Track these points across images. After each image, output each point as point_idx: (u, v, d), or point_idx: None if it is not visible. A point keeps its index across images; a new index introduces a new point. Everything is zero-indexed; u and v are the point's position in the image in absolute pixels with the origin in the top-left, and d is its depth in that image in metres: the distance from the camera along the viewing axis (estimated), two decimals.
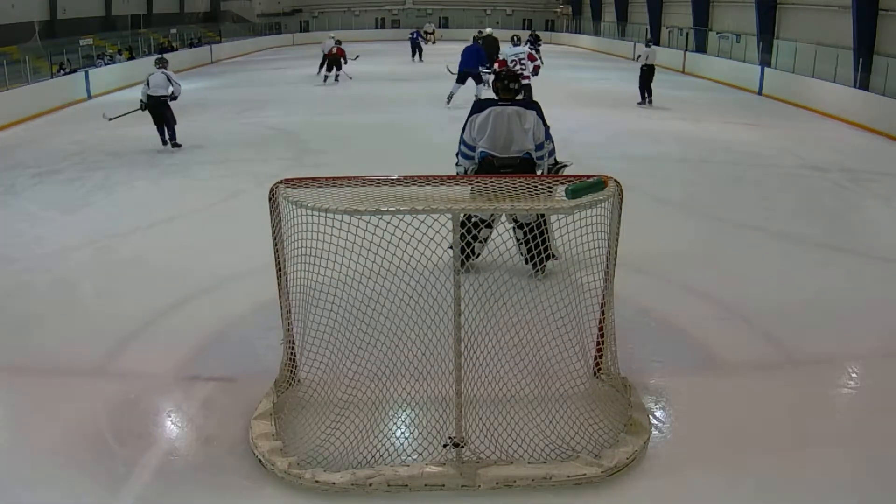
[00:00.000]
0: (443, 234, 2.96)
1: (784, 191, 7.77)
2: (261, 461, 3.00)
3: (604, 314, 3.49)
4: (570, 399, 3.37)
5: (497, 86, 4.92)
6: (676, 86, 15.48)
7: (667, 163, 9.09)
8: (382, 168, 6.85)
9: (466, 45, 13.05)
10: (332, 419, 3.24)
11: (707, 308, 4.64)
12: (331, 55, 17.54)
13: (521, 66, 10.72)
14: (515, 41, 12.54)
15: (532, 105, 4.86)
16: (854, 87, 13.21)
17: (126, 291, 4.93)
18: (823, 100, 13.60)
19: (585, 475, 2.90)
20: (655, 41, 21.59)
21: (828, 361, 4.01)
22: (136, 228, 6.35)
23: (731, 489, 2.92)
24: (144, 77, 9.55)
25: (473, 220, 4.61)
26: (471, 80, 12.59)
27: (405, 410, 3.41)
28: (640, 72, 13.94)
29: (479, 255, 4.88)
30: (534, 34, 14.57)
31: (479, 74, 12.45)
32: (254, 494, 2.88)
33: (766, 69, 16.58)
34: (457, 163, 5.03)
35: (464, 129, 4.93)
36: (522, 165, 4.76)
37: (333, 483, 2.85)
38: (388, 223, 2.87)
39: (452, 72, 13.18)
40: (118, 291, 4.96)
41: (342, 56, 17.58)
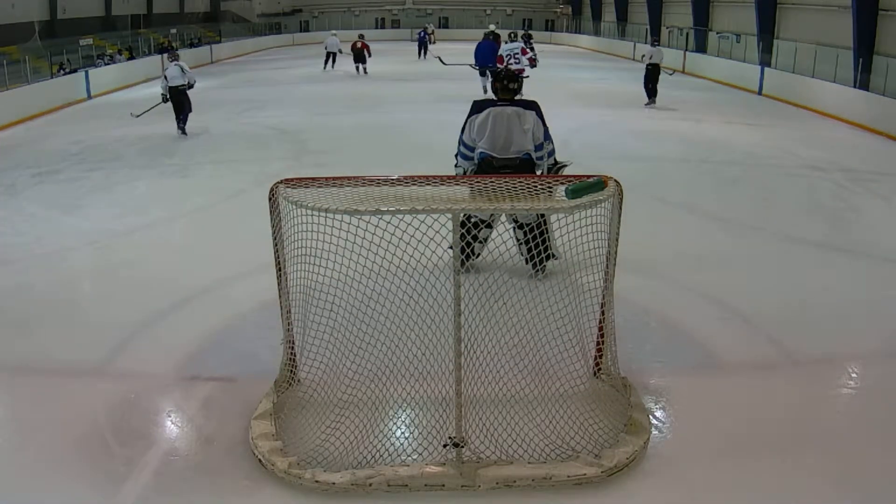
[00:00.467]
0: (443, 234, 2.96)
1: (784, 191, 7.77)
2: (261, 461, 3.00)
3: (604, 314, 3.49)
4: (570, 399, 3.37)
5: (496, 86, 4.91)
6: (677, 86, 15.48)
7: (667, 163, 9.09)
8: (382, 168, 6.86)
9: (479, 42, 14.03)
10: (332, 419, 3.24)
11: (707, 308, 4.64)
12: (355, 49, 19.10)
13: (515, 60, 11.91)
14: (512, 37, 13.60)
15: (531, 105, 4.85)
16: (854, 87, 13.21)
17: (126, 291, 4.93)
18: (823, 100, 13.60)
19: (585, 475, 2.90)
20: (659, 42, 21.56)
21: (828, 361, 4.01)
22: (136, 228, 6.36)
23: (731, 489, 2.92)
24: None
25: (473, 221, 4.60)
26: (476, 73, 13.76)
27: (405, 410, 3.41)
28: (645, 71, 13.98)
29: (479, 255, 4.88)
30: (527, 33, 15.51)
31: (495, 67, 13.15)
32: (254, 494, 2.88)
33: (766, 69, 16.58)
34: (456, 164, 5.02)
35: (463, 130, 4.91)
36: (522, 166, 4.74)
37: (333, 483, 2.85)
38: (388, 223, 2.87)
39: (445, 63, 14.82)
40: (118, 291, 4.96)
41: (366, 49, 19.15)
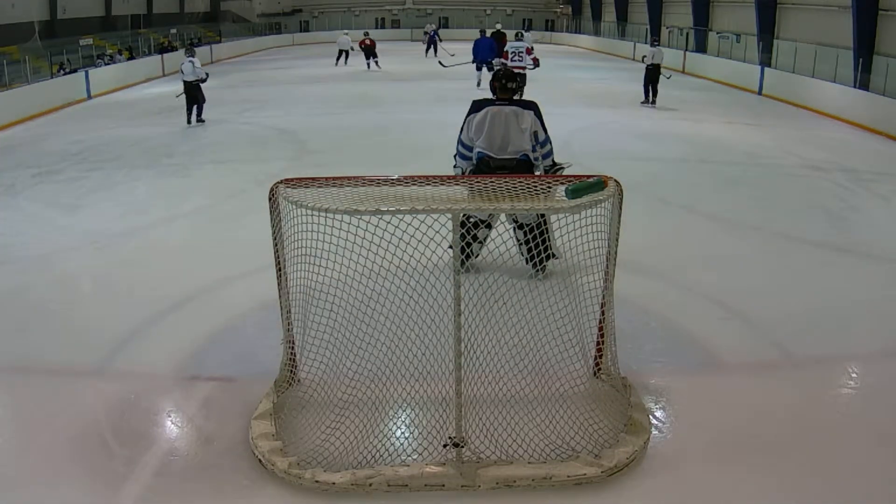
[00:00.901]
0: (443, 234, 2.96)
1: (784, 191, 7.77)
2: (261, 461, 3.00)
3: (604, 314, 3.48)
4: (570, 399, 3.37)
5: (495, 85, 4.88)
6: (676, 86, 15.48)
7: (667, 163, 9.09)
8: (382, 168, 6.86)
9: (477, 39, 15.87)
10: (332, 419, 3.24)
11: (707, 308, 4.64)
12: (364, 46, 20.96)
13: (519, 58, 13.00)
14: (519, 36, 14.55)
15: (530, 105, 4.82)
16: (854, 87, 13.21)
17: (126, 291, 4.93)
18: (823, 100, 13.60)
19: (585, 475, 2.90)
20: (659, 42, 21.56)
21: (828, 361, 4.01)
22: (136, 228, 6.36)
23: (731, 489, 2.92)
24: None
25: (472, 221, 4.58)
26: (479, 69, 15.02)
27: (405, 410, 3.41)
28: (645, 71, 14.02)
29: (478, 256, 4.88)
30: (519, 33, 16.05)
31: (491, 63, 14.38)
32: (254, 494, 2.88)
33: (766, 69, 16.58)
34: (454, 164, 5.01)
35: (461, 130, 4.90)
36: (519, 167, 4.72)
37: (333, 483, 2.85)
38: (388, 223, 2.87)
39: (445, 65, 16.43)
40: (118, 291, 4.95)
41: (373, 46, 21.02)
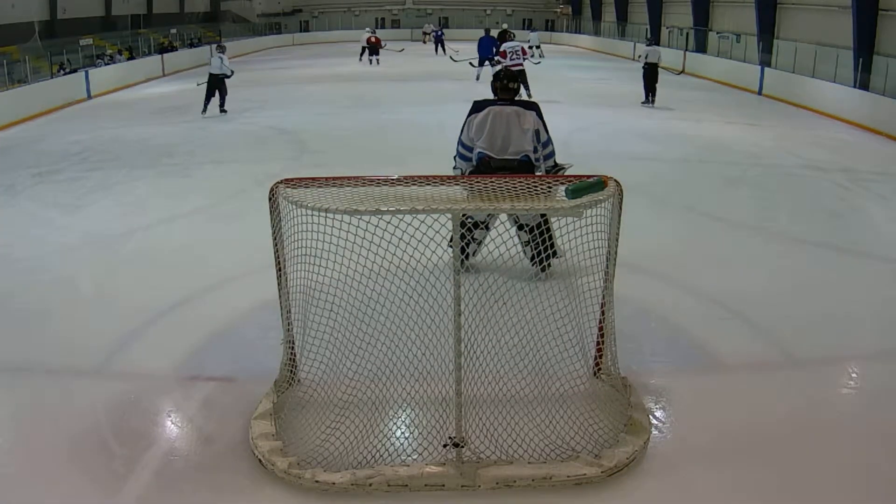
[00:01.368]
0: (443, 234, 2.96)
1: (784, 191, 7.77)
2: (261, 461, 3.00)
3: (604, 314, 3.48)
4: (570, 399, 3.37)
5: (496, 85, 4.86)
6: (676, 86, 15.48)
7: (667, 163, 9.09)
8: (382, 168, 6.86)
9: (481, 37, 17.07)
10: (332, 419, 3.24)
11: (707, 308, 4.64)
12: (370, 43, 22.71)
13: (516, 56, 13.74)
14: (510, 36, 15.68)
15: (531, 106, 4.80)
16: (854, 87, 13.21)
17: (126, 291, 4.93)
18: (823, 100, 13.60)
19: (585, 475, 2.90)
20: (656, 41, 21.59)
21: (828, 362, 4.01)
22: (136, 228, 6.35)
23: (732, 489, 2.92)
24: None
25: (470, 223, 4.53)
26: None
27: (405, 410, 3.41)
28: (643, 70, 14.03)
29: (475, 256, 4.85)
30: (510, 33, 17.70)
31: (493, 59, 15.71)
32: (254, 494, 2.88)
33: (766, 69, 16.58)
34: (454, 165, 4.98)
35: (462, 131, 4.87)
36: (520, 168, 4.65)
37: (333, 483, 2.85)
38: (388, 223, 2.87)
39: (455, 59, 17.86)
40: (118, 291, 4.95)
41: (378, 43, 22.67)
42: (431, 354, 3.21)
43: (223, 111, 12.79)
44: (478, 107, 4.81)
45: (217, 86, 12.77)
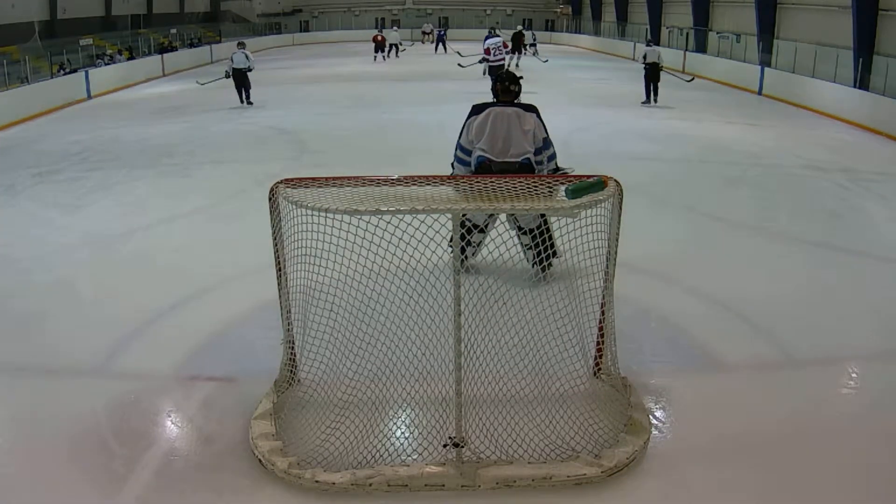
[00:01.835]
0: (443, 234, 2.96)
1: (784, 191, 7.77)
2: (261, 461, 3.00)
3: (604, 314, 3.48)
4: (570, 399, 3.37)
5: (497, 88, 4.80)
6: (677, 86, 15.48)
7: (667, 163, 9.09)
8: (382, 168, 6.86)
9: (487, 36, 17.29)
10: (332, 419, 3.24)
11: (707, 308, 4.64)
12: (376, 41, 24.70)
13: (499, 52, 14.95)
14: (492, 33, 16.47)
15: (531, 108, 4.75)
16: (854, 87, 13.21)
17: (126, 291, 4.93)
18: (823, 100, 13.60)
19: (585, 475, 2.90)
20: (656, 41, 21.65)
21: (828, 361, 4.01)
22: (136, 228, 6.35)
23: (732, 489, 2.92)
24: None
25: (467, 226, 4.46)
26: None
27: (405, 410, 3.41)
28: (644, 71, 14.14)
29: (472, 259, 4.80)
30: (492, 29, 19.10)
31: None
32: (254, 494, 2.88)
33: (766, 69, 16.58)
34: (452, 171, 4.87)
35: (460, 134, 4.79)
36: (521, 171, 4.54)
37: (333, 483, 2.85)
38: (388, 223, 2.87)
39: (463, 66, 18.01)
40: (118, 291, 4.95)
41: (384, 42, 24.78)
42: (431, 354, 3.21)
43: (250, 103, 13.64)
44: (477, 109, 4.75)
45: (242, 79, 13.53)
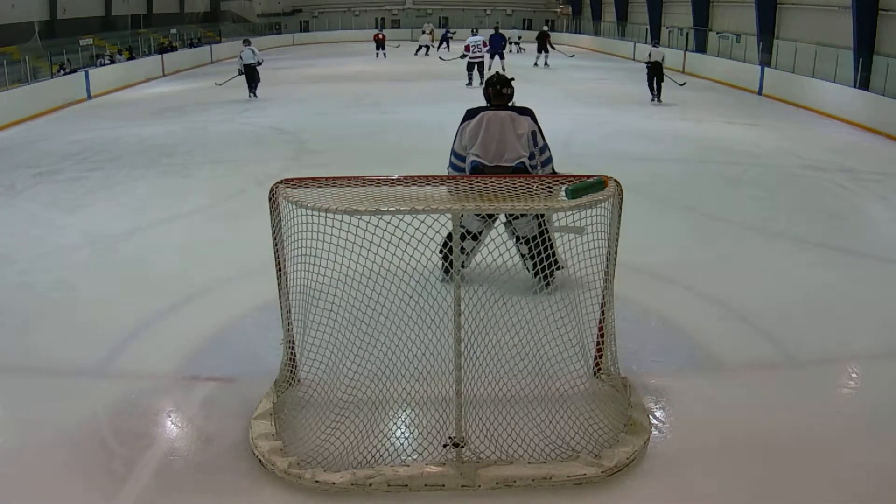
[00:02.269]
0: (443, 235, 2.96)
1: (784, 191, 7.77)
2: (261, 461, 3.00)
3: (604, 314, 3.49)
4: (570, 399, 3.37)
5: (489, 92, 4.64)
6: (677, 86, 15.49)
7: (667, 162, 9.09)
8: (382, 168, 6.86)
9: (492, 34, 19.26)
10: (332, 419, 3.24)
11: (707, 308, 4.64)
12: (377, 39, 26.18)
13: (477, 49, 16.61)
14: (474, 32, 18.44)
15: (526, 111, 4.61)
16: (854, 87, 13.21)
17: (126, 291, 4.93)
18: (823, 100, 13.60)
19: (585, 475, 2.90)
20: (656, 41, 21.70)
21: (828, 361, 4.01)
22: (136, 228, 6.35)
23: (732, 489, 2.92)
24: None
25: (462, 231, 4.38)
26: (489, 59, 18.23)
27: (405, 410, 3.41)
28: (647, 70, 14.55)
29: (465, 267, 4.72)
30: (474, 29, 20.64)
31: (502, 53, 19.39)
32: (254, 494, 2.88)
33: (766, 69, 16.58)
34: None
35: (454, 140, 4.68)
36: None
37: (333, 483, 2.85)
38: (388, 223, 2.87)
39: (444, 59, 20.62)
40: (118, 291, 4.95)
41: (384, 40, 26.24)
42: (431, 354, 3.21)
43: (255, 96, 14.74)
44: (470, 114, 4.62)
45: (252, 74, 14.68)
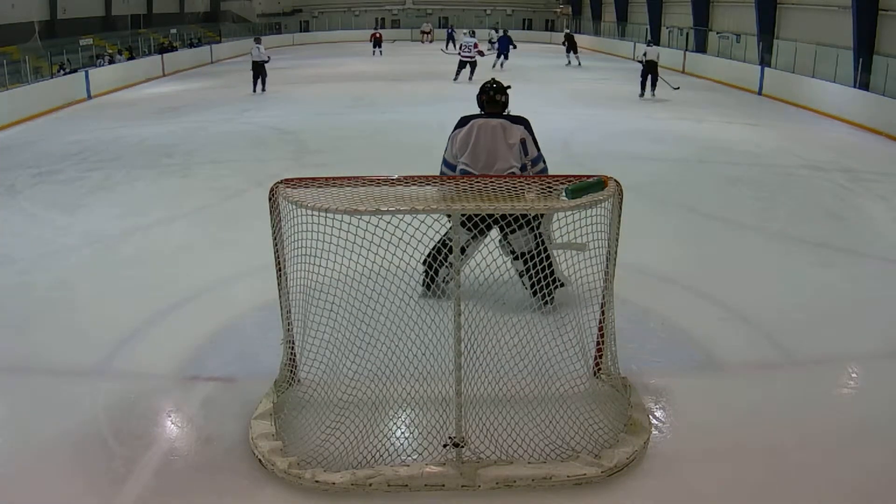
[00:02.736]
0: (442, 235, 2.96)
1: (784, 191, 7.76)
2: (261, 461, 3.00)
3: (604, 314, 3.49)
4: (570, 399, 3.37)
5: (482, 98, 4.46)
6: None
7: (667, 163, 9.09)
8: (382, 168, 6.86)
9: (500, 36, 20.91)
10: (332, 419, 3.24)
11: (707, 308, 4.64)
12: (374, 38, 27.04)
13: (468, 49, 17.67)
14: (469, 34, 19.08)
15: (520, 120, 4.38)
16: (854, 87, 13.21)
17: (126, 291, 4.93)
18: (823, 100, 13.60)
19: (585, 475, 2.90)
20: (656, 41, 21.73)
21: (828, 361, 4.01)
22: (136, 228, 6.35)
23: (732, 489, 2.92)
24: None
25: (448, 246, 4.15)
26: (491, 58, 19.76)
27: (405, 410, 3.41)
28: (642, 67, 15.12)
29: (446, 284, 4.60)
30: (471, 31, 20.68)
31: (507, 52, 20.49)
32: (254, 494, 2.88)
33: (766, 69, 16.58)
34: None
35: (446, 148, 4.50)
36: None
37: (333, 483, 2.85)
38: (388, 223, 2.87)
39: (445, 51, 22.81)
40: (118, 291, 4.95)
41: (381, 38, 27.14)
42: (431, 354, 3.21)
43: (263, 90, 15.69)
44: (462, 121, 4.43)
45: (259, 70, 15.65)
